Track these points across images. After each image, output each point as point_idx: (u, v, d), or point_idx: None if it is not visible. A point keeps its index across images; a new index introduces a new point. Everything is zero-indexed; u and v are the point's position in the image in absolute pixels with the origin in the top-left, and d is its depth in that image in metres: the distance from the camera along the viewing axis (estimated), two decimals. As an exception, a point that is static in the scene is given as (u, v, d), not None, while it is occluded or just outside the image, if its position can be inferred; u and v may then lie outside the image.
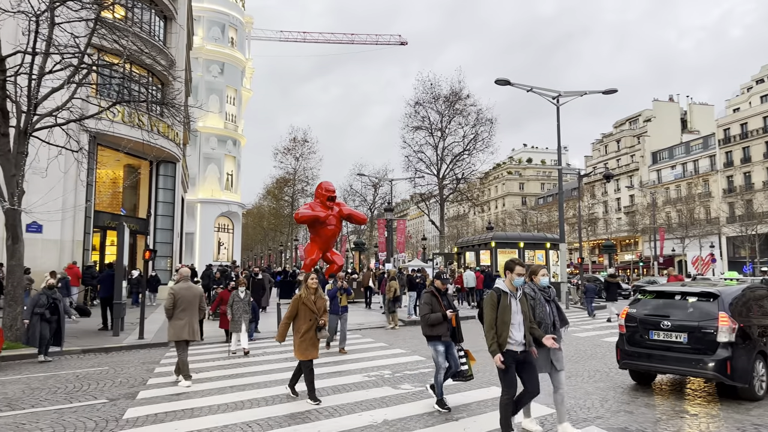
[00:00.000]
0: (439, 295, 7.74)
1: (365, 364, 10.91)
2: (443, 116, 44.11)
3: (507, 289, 5.77)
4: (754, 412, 7.26)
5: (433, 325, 7.53)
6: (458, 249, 34.41)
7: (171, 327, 9.18)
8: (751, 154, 60.83)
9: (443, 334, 7.54)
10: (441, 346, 7.54)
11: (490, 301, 5.73)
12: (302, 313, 7.91)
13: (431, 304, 7.64)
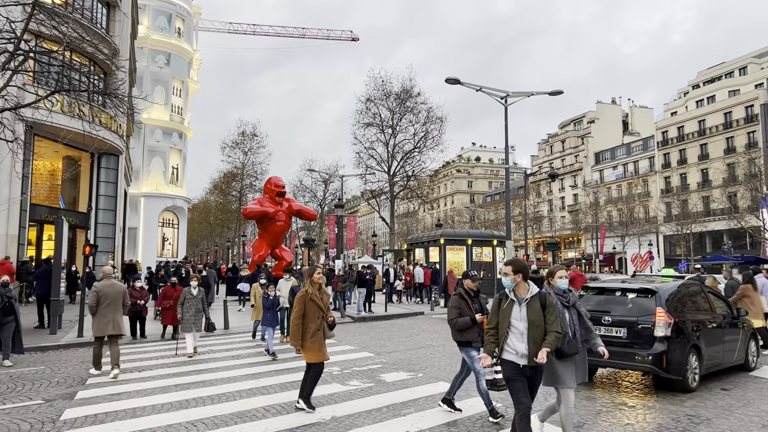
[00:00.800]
0: (468, 298, 7.12)
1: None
2: (394, 113, 44.33)
3: (512, 293, 5.20)
4: (687, 403, 7.60)
5: (462, 330, 6.97)
6: (408, 246, 34.61)
7: (95, 323, 9.61)
8: (687, 156, 63.59)
9: (474, 340, 6.94)
10: (474, 351, 6.94)
11: (494, 304, 5.35)
12: (310, 311, 7.16)
13: (459, 307, 7.04)
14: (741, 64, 66.97)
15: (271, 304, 11.86)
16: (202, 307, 11.69)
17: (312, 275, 7.35)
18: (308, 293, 7.22)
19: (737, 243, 53.21)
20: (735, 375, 9.49)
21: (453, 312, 7.10)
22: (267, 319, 11.77)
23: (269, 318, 11.76)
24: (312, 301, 7.17)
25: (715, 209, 56.87)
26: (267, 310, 11.83)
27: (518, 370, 5.08)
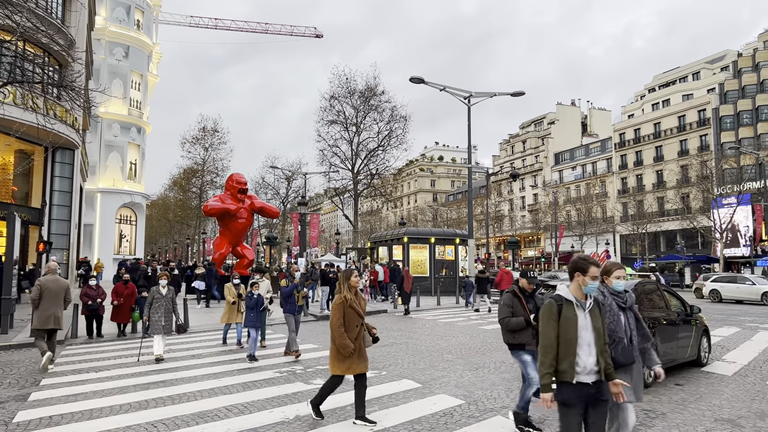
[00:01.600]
0: (522, 297, 6.59)
1: (276, 360, 10.75)
2: (358, 111, 44.29)
3: (571, 296, 4.23)
4: (645, 398, 7.79)
5: (514, 330, 6.44)
6: (371, 244, 34.65)
7: (36, 316, 9.93)
8: (643, 158, 65.40)
9: (527, 342, 6.39)
10: (527, 355, 6.39)
11: (547, 313, 4.21)
12: (349, 318, 6.40)
13: (512, 305, 6.52)
14: (694, 69, 69.20)
15: (255, 304, 11.01)
16: (173, 307, 10.90)
17: (349, 279, 6.54)
18: (347, 300, 6.41)
19: (690, 242, 55.00)
20: (688, 370, 9.80)
21: (505, 311, 6.56)
22: (250, 320, 10.90)
23: (252, 318, 10.89)
24: (351, 309, 6.42)
25: (669, 210, 58.65)
26: (250, 310, 11.00)
27: (580, 393, 4.05)
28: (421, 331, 15.35)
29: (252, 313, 10.94)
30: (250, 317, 10.92)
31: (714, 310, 22.52)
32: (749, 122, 54.49)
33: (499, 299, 6.71)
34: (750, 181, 49.12)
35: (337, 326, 6.34)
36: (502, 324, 6.59)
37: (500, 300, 6.75)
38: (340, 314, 6.39)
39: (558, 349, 4.10)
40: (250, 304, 11.03)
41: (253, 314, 10.93)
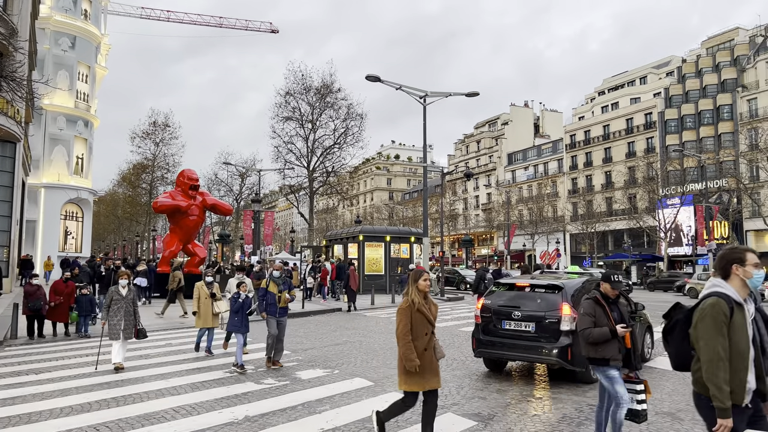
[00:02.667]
0: (606, 304, 5.76)
1: (226, 359, 10.56)
2: (314, 108, 43.99)
3: (739, 296, 3.45)
4: (589, 393, 8.02)
5: (596, 343, 5.56)
6: (327, 242, 34.49)
7: None
8: (592, 159, 67.22)
9: (612, 357, 5.52)
10: (613, 371, 5.51)
11: (718, 316, 3.37)
12: (418, 326, 5.50)
13: (594, 314, 5.67)
14: (642, 74, 71.54)
15: (240, 307, 9.82)
16: (133, 309, 9.82)
17: (418, 281, 5.62)
18: (415, 304, 5.53)
19: (636, 242, 56.86)
20: (632, 365, 10.11)
21: (585, 320, 5.68)
22: (234, 324, 9.78)
23: (238, 323, 9.77)
24: (420, 313, 5.51)
25: (616, 210, 60.47)
26: (235, 313, 9.81)
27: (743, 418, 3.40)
28: (375, 329, 15.37)
29: (237, 317, 9.82)
30: (235, 321, 9.81)
31: (658, 307, 23.29)
32: (692, 126, 56.67)
33: (579, 308, 5.94)
34: (692, 183, 51.13)
35: (403, 334, 5.44)
36: (582, 336, 5.68)
37: (579, 308, 5.91)
38: (406, 321, 5.48)
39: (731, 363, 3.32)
40: (236, 306, 9.85)
41: (238, 318, 9.81)
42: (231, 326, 9.88)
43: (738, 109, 53.30)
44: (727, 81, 55.27)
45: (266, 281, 10.36)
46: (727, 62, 56.47)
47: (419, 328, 5.51)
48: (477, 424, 6.48)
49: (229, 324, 9.95)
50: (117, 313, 9.62)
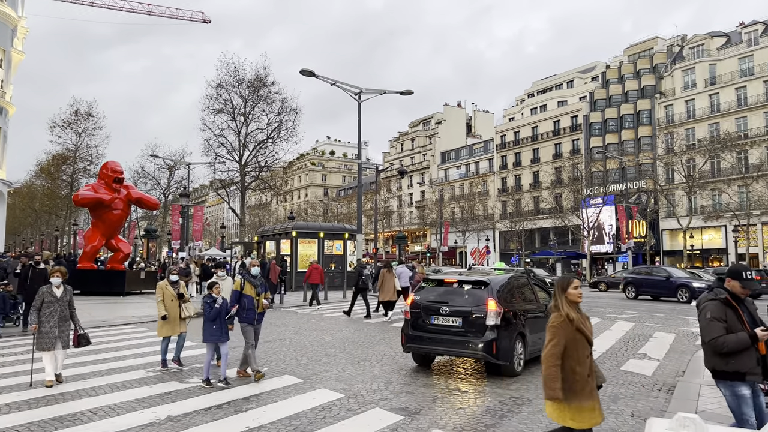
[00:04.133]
0: (738, 306, 4.72)
1: (151, 358, 10.21)
2: (247, 101, 43.18)
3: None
4: (513, 386, 8.27)
5: (731, 353, 4.54)
6: (259, 238, 33.96)
7: None
8: (521, 159, 69.31)
9: (750, 370, 4.51)
10: (745, 388, 4.53)
11: None
12: (578, 347, 4.36)
13: (726, 319, 4.63)
14: (569, 78, 74.29)
15: (217, 314, 8.27)
16: (70, 313, 8.42)
17: (567, 289, 4.50)
18: (573, 321, 4.37)
19: (561, 239, 59.07)
20: (554, 358, 10.49)
21: (716, 327, 4.60)
22: (213, 334, 8.28)
23: (216, 332, 8.28)
24: (579, 333, 4.37)
25: (543, 208, 62.59)
26: (212, 321, 8.27)
27: None
28: (306, 326, 15.26)
29: (215, 325, 8.26)
30: (213, 330, 8.25)
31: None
32: (615, 129, 59.39)
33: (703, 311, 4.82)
34: (614, 184, 53.60)
35: (553, 357, 4.30)
36: (714, 346, 4.63)
37: (704, 312, 4.82)
38: (560, 340, 4.31)
39: None
40: (212, 314, 8.23)
41: (216, 326, 8.26)
42: (208, 337, 8.28)
43: (656, 114, 56.30)
44: (646, 87, 58.23)
45: (240, 282, 8.71)
46: (647, 69, 59.49)
47: (580, 350, 4.35)
48: (404, 418, 6.55)
49: (205, 335, 8.33)
50: (50, 318, 8.10)
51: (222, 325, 8.36)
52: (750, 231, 45.64)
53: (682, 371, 9.39)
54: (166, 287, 9.44)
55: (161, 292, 9.36)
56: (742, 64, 51.02)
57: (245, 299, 8.58)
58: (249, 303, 8.57)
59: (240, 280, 8.80)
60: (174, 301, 9.36)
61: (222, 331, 8.34)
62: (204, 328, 8.35)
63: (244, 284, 8.68)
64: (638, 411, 6.96)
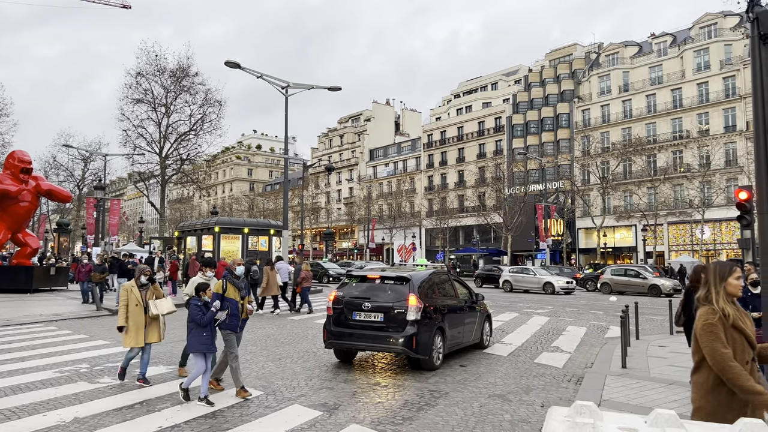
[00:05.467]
0: None
1: (59, 358, 9.70)
2: (169, 91, 41.66)
3: None
4: (431, 379, 8.44)
5: None
6: (179, 233, 32.86)
7: None
8: (447, 158, 70.68)
9: None
10: None
11: None
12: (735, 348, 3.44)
13: None
14: (493, 80, 76.38)
15: (210, 319, 7.22)
16: None
17: (727, 279, 3.60)
18: (728, 316, 3.50)
19: (484, 237, 60.75)
20: (472, 353, 10.81)
21: None
22: (202, 343, 7.16)
23: (206, 341, 7.20)
24: (737, 331, 3.48)
25: (468, 207, 64.17)
26: (203, 328, 7.18)
27: None
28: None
29: (205, 333, 7.20)
30: (203, 339, 7.18)
31: (500, 298, 25.13)
32: (536, 131, 61.64)
33: None
34: (534, 184, 55.65)
35: (725, 359, 3.34)
36: None
37: None
38: (719, 340, 3.41)
39: None
40: (204, 319, 7.17)
41: (207, 333, 7.22)
42: (197, 346, 7.15)
43: (574, 118, 58.88)
44: (565, 92, 60.76)
45: (222, 284, 7.59)
46: (566, 74, 62.07)
47: (738, 352, 3.44)
48: (322, 413, 6.55)
49: (193, 343, 7.21)
50: None
51: (212, 332, 7.31)
52: (657, 230, 48.64)
53: (591, 363, 9.89)
54: (131, 290, 8.01)
55: (125, 295, 8.00)
56: (652, 72, 54.21)
57: (228, 303, 7.50)
58: (233, 307, 7.54)
59: (222, 282, 7.64)
60: (139, 306, 7.94)
61: (212, 340, 7.28)
62: (192, 336, 7.23)
63: (227, 286, 7.56)
64: (548, 401, 7.28)
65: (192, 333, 7.24)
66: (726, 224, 45.52)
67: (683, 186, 48.87)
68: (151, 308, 7.94)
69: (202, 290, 7.38)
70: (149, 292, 8.10)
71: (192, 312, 7.28)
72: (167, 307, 8.13)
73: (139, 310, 7.93)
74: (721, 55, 49.22)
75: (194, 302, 7.34)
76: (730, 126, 47.95)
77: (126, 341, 7.90)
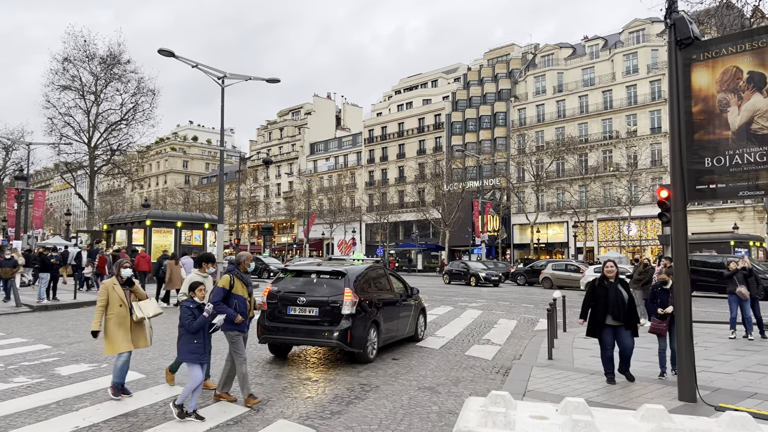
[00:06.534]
0: None
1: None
2: (98, 79, 39.94)
3: None
4: (363, 373, 8.46)
5: None
6: (108, 226, 31.64)
7: None
8: (388, 154, 71.02)
9: None
10: None
11: None
12: None
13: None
14: (433, 77, 77.21)
15: (203, 325, 6.25)
16: None
17: None
18: None
19: (423, 232, 61.42)
20: (406, 346, 10.91)
21: None
22: (194, 351, 6.23)
23: (198, 348, 6.26)
24: None
25: (407, 202, 64.71)
26: (193, 334, 6.23)
27: None
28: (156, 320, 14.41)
29: (196, 340, 6.25)
30: (194, 347, 6.25)
31: (436, 292, 25.49)
32: (474, 129, 62.78)
33: None
34: (472, 181, 56.70)
35: None
36: None
37: None
38: None
39: None
40: (196, 324, 6.19)
41: (199, 340, 6.27)
42: (187, 355, 6.24)
43: (510, 116, 60.31)
44: (503, 91, 62.15)
45: (229, 279, 6.79)
46: (503, 74, 63.47)
47: None
48: (250, 409, 6.45)
49: (183, 352, 6.30)
50: None
51: (206, 339, 6.36)
52: (587, 227, 50.55)
53: (520, 355, 10.17)
54: (113, 287, 6.87)
55: (105, 294, 6.80)
56: (585, 74, 56.19)
57: (235, 301, 6.70)
58: (241, 305, 6.73)
59: (229, 277, 6.81)
60: (124, 306, 6.83)
61: (205, 348, 6.36)
62: (182, 342, 6.30)
63: (234, 281, 6.80)
64: (476, 392, 7.43)
65: (181, 339, 6.30)
66: (651, 221, 47.77)
67: (612, 184, 50.95)
68: (135, 312, 6.89)
69: (194, 289, 6.40)
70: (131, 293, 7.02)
71: (182, 315, 6.34)
72: (153, 310, 7.09)
73: (124, 311, 6.80)
74: (649, 60, 51.58)
75: (186, 304, 6.37)
76: (656, 127, 50.34)
77: (109, 347, 6.74)
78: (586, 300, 7.87)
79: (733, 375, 8.22)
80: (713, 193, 6.75)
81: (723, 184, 6.54)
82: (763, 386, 7.54)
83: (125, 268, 6.94)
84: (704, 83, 6.68)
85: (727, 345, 10.97)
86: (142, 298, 7.11)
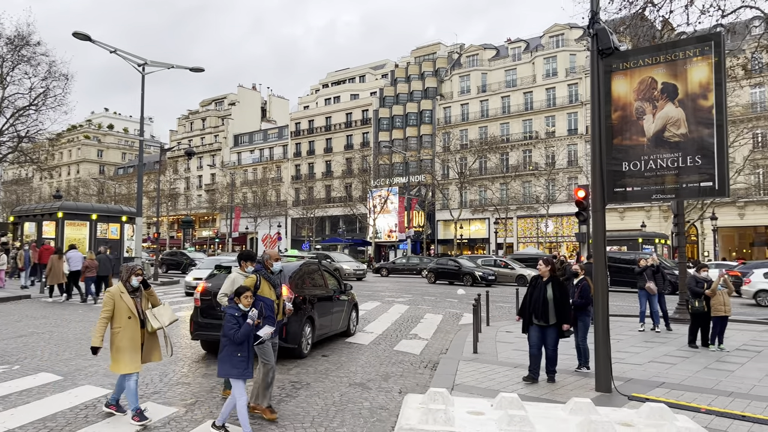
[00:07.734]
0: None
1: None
2: (5, 61, 37.25)
3: None
4: (293, 371, 8.43)
5: None
6: (15, 218, 29.70)
7: None
8: (315, 148, 70.53)
9: None
10: None
11: None
12: None
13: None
14: (361, 72, 77.34)
15: (245, 336, 5.55)
16: None
17: None
18: None
19: (350, 227, 61.53)
20: (335, 342, 10.93)
21: None
22: (236, 366, 5.53)
23: (242, 363, 5.55)
24: None
25: (334, 197, 64.56)
26: (238, 345, 5.53)
27: None
28: (72, 317, 13.78)
29: (240, 353, 5.54)
30: (235, 360, 5.54)
31: (362, 287, 25.63)
32: (401, 126, 63.40)
33: None
34: (398, 177, 57.29)
35: None
36: None
37: None
38: None
39: None
40: (241, 334, 5.51)
41: (243, 353, 5.55)
42: (229, 370, 5.56)
43: (436, 114, 61.36)
44: (429, 89, 63.10)
45: (256, 279, 6.30)
46: (430, 72, 64.43)
47: None
48: (177, 410, 6.30)
49: (224, 367, 5.58)
50: None
51: (249, 352, 5.64)
52: (507, 223, 52.30)
53: (446, 349, 10.43)
54: (121, 296, 5.92)
55: (111, 303, 5.86)
56: (508, 75, 57.97)
57: (261, 303, 6.04)
58: (268, 308, 6.11)
59: (256, 277, 6.29)
60: (133, 318, 5.91)
61: (248, 362, 5.60)
62: (224, 354, 5.56)
63: (261, 283, 6.27)
64: (406, 387, 7.58)
65: (224, 351, 5.56)
66: (567, 219, 50.02)
67: (531, 183, 52.94)
68: (150, 321, 6.06)
69: (240, 295, 5.64)
70: (143, 299, 6.12)
71: (225, 325, 5.57)
72: (168, 317, 6.29)
73: (133, 323, 5.90)
74: (567, 64, 53.89)
75: (230, 311, 5.63)
76: (572, 129, 52.70)
77: (115, 365, 5.87)
78: (524, 298, 8.20)
79: (643, 366, 8.81)
80: (629, 195, 7.20)
81: (638, 187, 6.98)
82: (671, 376, 8.12)
83: (137, 275, 6.03)
84: (623, 91, 7.10)
85: (636, 337, 11.72)
86: (156, 304, 6.26)
